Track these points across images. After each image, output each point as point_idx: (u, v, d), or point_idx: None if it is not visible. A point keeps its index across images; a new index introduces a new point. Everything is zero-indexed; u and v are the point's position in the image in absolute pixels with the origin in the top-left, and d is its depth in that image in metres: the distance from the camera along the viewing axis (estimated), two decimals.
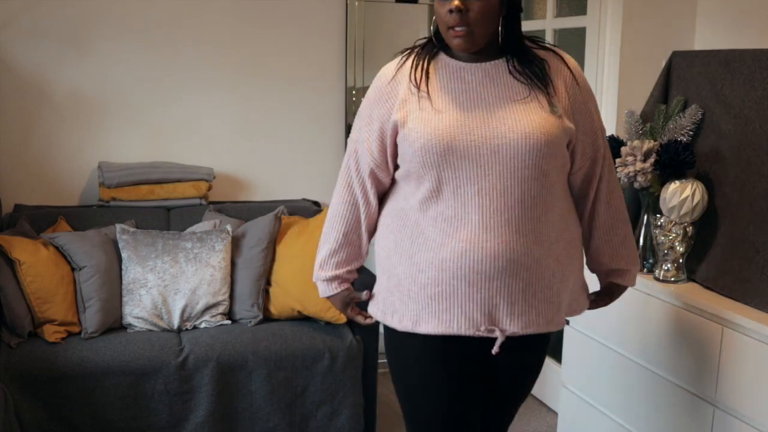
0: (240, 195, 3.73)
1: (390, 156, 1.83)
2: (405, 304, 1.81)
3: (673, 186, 2.42)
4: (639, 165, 2.46)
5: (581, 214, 1.92)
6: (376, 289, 1.93)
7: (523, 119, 1.72)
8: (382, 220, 1.91)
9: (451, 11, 1.68)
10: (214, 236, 3.15)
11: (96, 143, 3.51)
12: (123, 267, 3.06)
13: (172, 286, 3.03)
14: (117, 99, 3.52)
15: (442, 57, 1.81)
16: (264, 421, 2.91)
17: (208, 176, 3.49)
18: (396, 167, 1.85)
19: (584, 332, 2.77)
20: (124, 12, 3.47)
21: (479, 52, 1.76)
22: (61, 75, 3.43)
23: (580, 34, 3.23)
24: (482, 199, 1.71)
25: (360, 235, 1.92)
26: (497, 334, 1.76)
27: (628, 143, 2.53)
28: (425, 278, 1.77)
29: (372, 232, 1.94)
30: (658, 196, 2.49)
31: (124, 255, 3.06)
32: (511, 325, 1.76)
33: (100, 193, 3.36)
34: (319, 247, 1.96)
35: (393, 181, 1.88)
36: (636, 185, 2.51)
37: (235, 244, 3.20)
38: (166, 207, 3.41)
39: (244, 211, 3.47)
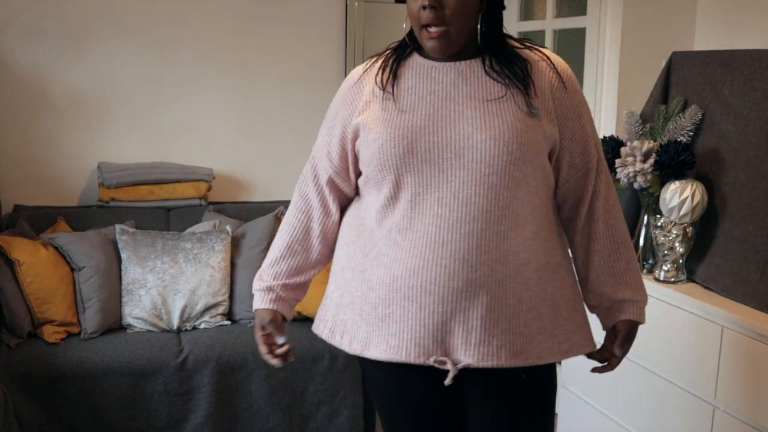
0: (240, 195, 3.73)
1: (351, 162, 1.66)
2: (357, 325, 1.63)
3: (673, 186, 2.42)
4: (639, 165, 2.46)
5: (573, 237, 1.70)
6: (326, 304, 1.75)
7: (494, 119, 1.53)
8: (341, 229, 1.73)
9: (424, 7, 1.51)
10: (213, 237, 3.15)
11: (95, 143, 3.51)
12: (122, 267, 3.06)
13: (171, 286, 3.03)
14: (117, 99, 3.52)
15: (415, 57, 1.64)
16: (264, 422, 2.91)
17: (207, 177, 3.49)
18: (358, 175, 1.68)
19: None
20: (124, 12, 3.47)
21: (456, 53, 1.60)
22: (61, 75, 3.43)
23: (580, 34, 3.23)
24: (441, 208, 1.52)
25: (308, 247, 1.73)
26: (448, 366, 1.55)
27: (628, 144, 2.53)
28: (376, 297, 1.59)
29: (329, 249, 1.76)
30: (658, 196, 2.49)
31: (123, 255, 3.06)
32: (466, 356, 1.55)
33: (99, 193, 3.36)
34: (267, 255, 1.79)
35: (357, 190, 1.71)
36: (636, 186, 2.51)
37: (235, 244, 3.20)
38: (165, 207, 3.41)
39: (244, 211, 3.47)
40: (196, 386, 2.84)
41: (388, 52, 1.69)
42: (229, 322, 3.07)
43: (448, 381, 1.56)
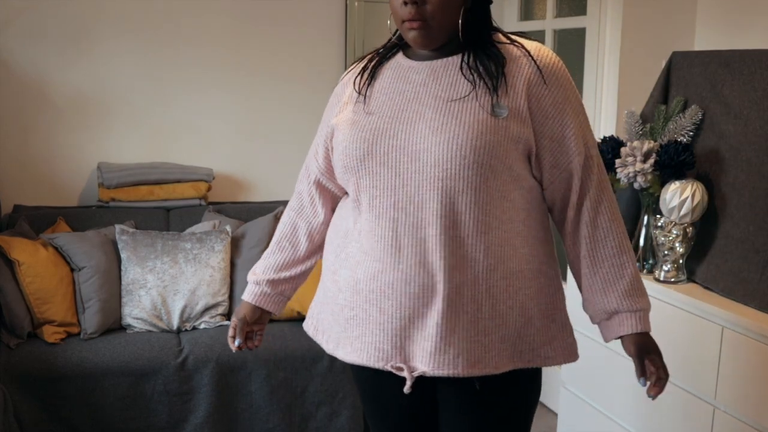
0: (239, 195, 3.73)
1: (333, 162, 1.67)
2: (330, 324, 1.66)
3: (673, 187, 2.42)
4: (639, 165, 2.46)
5: (565, 242, 1.63)
6: (313, 301, 1.79)
7: (451, 121, 1.48)
8: (328, 230, 1.75)
9: (405, 3, 1.49)
10: (213, 237, 3.15)
11: (95, 144, 3.51)
12: (122, 268, 3.06)
13: (171, 286, 3.03)
14: (117, 99, 3.52)
15: (398, 57, 1.62)
16: (263, 422, 2.91)
17: (207, 177, 3.49)
18: None
19: (584, 332, 2.76)
20: (124, 12, 3.47)
21: (440, 47, 1.57)
22: (60, 75, 3.43)
23: (580, 34, 3.23)
24: (398, 212, 1.50)
25: (295, 244, 1.77)
26: (405, 373, 1.53)
27: (628, 144, 2.53)
28: (343, 299, 1.60)
29: (318, 246, 1.78)
30: (658, 196, 2.48)
31: (123, 256, 3.06)
32: (422, 363, 1.51)
33: (99, 193, 3.36)
34: None
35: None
36: (636, 186, 2.51)
37: (235, 244, 3.20)
38: (165, 207, 3.41)
39: (244, 211, 3.47)
40: (196, 386, 2.83)
41: (374, 51, 1.68)
42: (229, 323, 3.07)
43: (406, 389, 1.53)
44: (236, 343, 1.78)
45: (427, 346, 1.51)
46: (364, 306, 1.55)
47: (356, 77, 1.64)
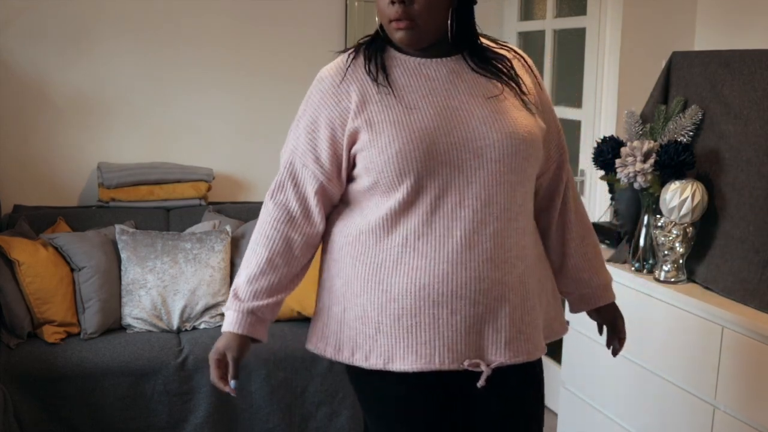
0: (239, 195, 3.73)
1: (345, 168, 1.57)
2: (373, 339, 1.55)
3: (673, 187, 2.42)
4: (639, 165, 2.45)
5: (548, 228, 1.72)
6: (322, 321, 1.65)
7: (504, 117, 1.52)
8: (334, 241, 1.62)
9: (392, 2, 1.48)
10: (213, 237, 3.15)
11: (95, 143, 3.51)
12: (122, 268, 3.06)
13: (171, 286, 3.03)
14: (117, 99, 3.52)
15: (395, 54, 1.59)
16: (263, 422, 2.91)
17: (207, 177, 3.49)
18: (349, 180, 1.60)
19: (584, 332, 2.76)
20: (124, 12, 3.47)
21: (429, 48, 1.56)
22: (60, 75, 3.43)
23: (580, 34, 3.23)
24: (465, 210, 1.49)
25: (290, 260, 1.61)
26: (483, 367, 1.53)
27: (628, 144, 2.53)
28: (398, 308, 1.52)
29: (308, 259, 1.65)
30: (658, 196, 2.48)
31: (123, 256, 3.06)
32: (497, 355, 1.54)
33: (99, 193, 3.36)
34: (238, 272, 1.64)
35: (342, 197, 1.63)
36: (636, 186, 2.51)
37: (235, 244, 3.20)
38: (165, 207, 3.41)
39: (244, 211, 3.47)
40: (196, 386, 2.83)
41: (363, 46, 1.61)
42: None
43: (481, 383, 1.53)
44: (233, 384, 1.58)
45: (500, 337, 1.54)
46: (431, 311, 1.51)
47: (366, 68, 1.56)
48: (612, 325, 1.85)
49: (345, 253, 1.59)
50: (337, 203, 1.65)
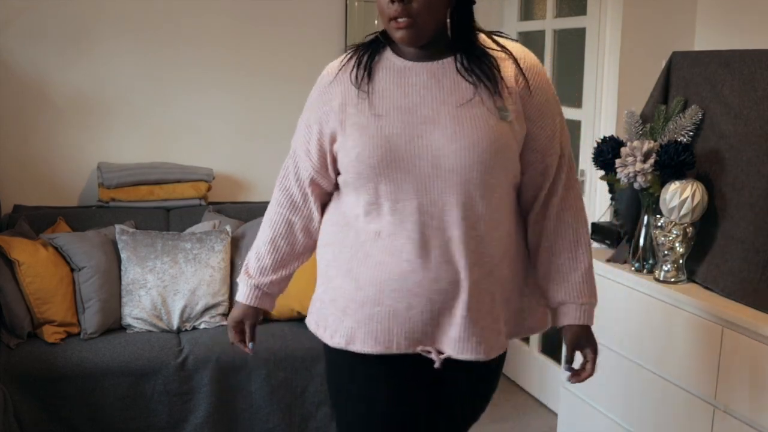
0: (239, 195, 3.73)
1: (330, 162, 1.68)
2: (339, 320, 1.67)
3: (673, 187, 2.42)
4: (639, 165, 2.45)
5: (527, 232, 1.73)
6: (313, 299, 1.80)
7: (467, 128, 1.54)
8: (324, 226, 1.76)
9: (392, 1, 1.51)
10: (213, 237, 3.15)
11: (95, 143, 3.51)
12: (122, 268, 3.06)
13: (171, 286, 3.03)
14: (117, 99, 3.52)
15: (389, 55, 1.63)
16: (263, 422, 2.91)
17: (207, 177, 3.49)
18: (338, 173, 1.69)
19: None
20: (124, 12, 3.47)
21: (428, 47, 1.59)
22: (60, 75, 3.43)
23: (580, 34, 3.23)
24: (423, 216, 1.57)
25: (293, 241, 1.78)
26: (433, 355, 1.63)
27: (628, 144, 2.53)
28: (363, 296, 1.63)
29: (314, 240, 1.79)
30: (658, 196, 2.48)
31: (123, 256, 3.06)
32: (449, 348, 1.63)
33: (99, 193, 3.36)
34: (251, 248, 1.84)
35: (337, 186, 1.73)
36: (636, 186, 2.51)
37: (235, 244, 3.20)
38: (165, 207, 3.41)
39: (244, 211, 3.47)
40: (196, 386, 2.83)
41: (361, 48, 1.67)
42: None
43: (437, 364, 1.63)
44: (251, 346, 1.83)
45: (453, 333, 1.61)
46: (390, 303, 1.61)
47: (351, 74, 1.63)
48: (571, 353, 1.74)
49: (330, 239, 1.72)
50: (332, 192, 1.76)
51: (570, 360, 1.75)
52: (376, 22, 1.64)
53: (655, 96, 2.68)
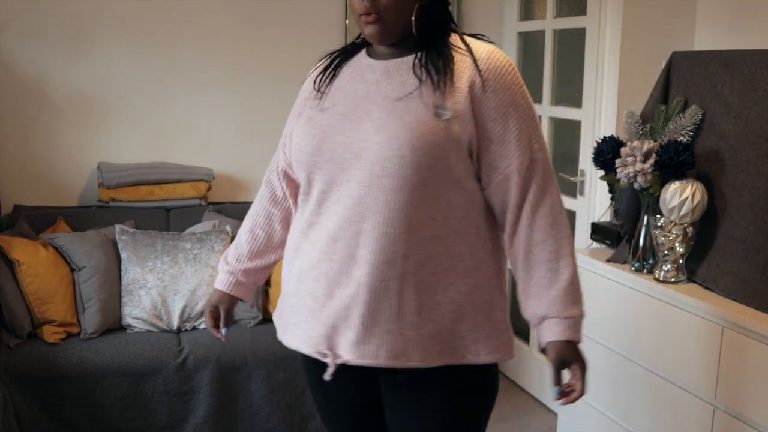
0: (239, 195, 3.73)
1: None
2: (280, 311, 1.74)
3: (673, 187, 2.42)
4: (639, 165, 2.46)
5: (508, 245, 1.62)
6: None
7: (395, 121, 1.50)
8: None
9: None
10: (213, 237, 3.15)
11: (95, 144, 3.51)
12: (122, 268, 3.06)
13: (171, 286, 3.03)
14: (116, 99, 3.52)
15: (361, 55, 1.66)
16: (263, 422, 2.91)
17: (207, 177, 3.49)
18: None
19: (583, 333, 2.76)
20: (124, 12, 3.48)
21: (398, 45, 1.59)
22: (60, 75, 3.43)
23: (580, 34, 3.23)
24: (339, 206, 1.55)
25: (270, 233, 1.82)
26: (329, 360, 1.58)
27: (628, 144, 2.53)
28: (287, 288, 1.67)
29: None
30: (658, 196, 2.48)
31: (123, 256, 3.06)
32: (345, 352, 1.56)
33: (99, 193, 3.36)
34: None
35: None
36: (636, 186, 2.51)
37: None
38: (165, 207, 3.41)
39: (244, 211, 3.41)
40: (196, 386, 2.84)
41: (341, 49, 1.72)
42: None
43: (327, 376, 1.59)
44: (224, 332, 1.88)
45: (350, 335, 1.55)
46: (303, 294, 1.62)
47: (318, 74, 1.69)
48: (557, 372, 1.60)
49: (288, 236, 1.75)
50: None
51: (557, 381, 1.59)
52: (347, 21, 1.65)
53: (655, 96, 2.68)
